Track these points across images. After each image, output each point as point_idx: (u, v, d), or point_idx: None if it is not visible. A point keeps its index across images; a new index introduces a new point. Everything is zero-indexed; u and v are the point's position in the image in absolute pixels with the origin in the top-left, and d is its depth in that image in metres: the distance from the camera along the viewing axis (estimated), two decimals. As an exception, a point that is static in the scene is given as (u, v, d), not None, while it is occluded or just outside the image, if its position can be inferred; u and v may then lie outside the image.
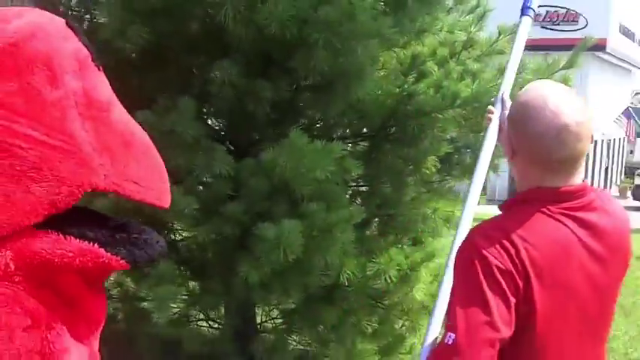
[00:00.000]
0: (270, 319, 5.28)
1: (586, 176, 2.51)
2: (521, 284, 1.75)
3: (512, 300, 1.75)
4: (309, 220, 3.83)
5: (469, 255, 1.80)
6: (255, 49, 3.91)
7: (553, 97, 1.81)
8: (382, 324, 4.81)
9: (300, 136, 3.68)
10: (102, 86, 1.29)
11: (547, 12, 22.89)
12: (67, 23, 1.28)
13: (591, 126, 1.86)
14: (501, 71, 4.73)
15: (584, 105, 1.85)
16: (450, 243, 2.13)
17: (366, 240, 4.48)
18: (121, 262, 1.20)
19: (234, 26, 3.72)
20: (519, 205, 1.89)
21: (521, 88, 2.08)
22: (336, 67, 3.81)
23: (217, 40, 4.05)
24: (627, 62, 27.27)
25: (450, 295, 1.86)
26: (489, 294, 1.73)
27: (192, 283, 4.65)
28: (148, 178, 1.28)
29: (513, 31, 5.28)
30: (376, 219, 4.91)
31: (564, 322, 1.83)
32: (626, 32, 25.94)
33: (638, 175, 25.81)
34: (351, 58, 3.79)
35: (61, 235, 1.17)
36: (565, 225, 1.82)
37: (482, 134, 4.81)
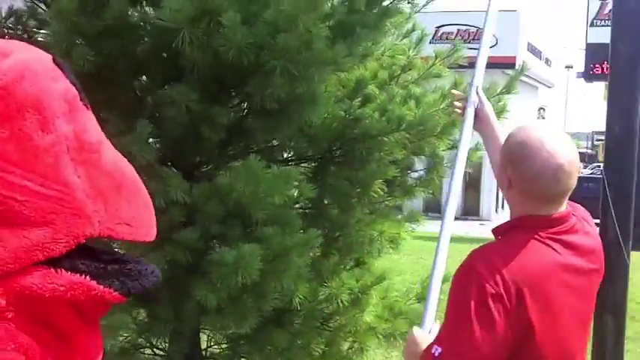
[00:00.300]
0: (216, 344, 5.24)
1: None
2: (514, 306, 1.98)
3: (501, 328, 1.96)
4: (266, 243, 3.84)
5: (468, 279, 2.04)
6: (210, 74, 3.91)
7: (548, 138, 2.08)
8: (329, 346, 4.84)
9: (256, 160, 3.70)
10: (91, 127, 1.25)
11: (458, 30, 23.51)
12: (54, 60, 1.23)
13: (579, 162, 2.14)
14: (443, 95, 4.88)
15: (573, 145, 2.13)
16: (393, 262, 2.47)
17: (315, 263, 4.51)
18: (114, 294, 1.16)
19: (191, 51, 3.71)
20: (513, 230, 2.17)
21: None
22: (292, 93, 3.84)
23: (169, 63, 4.03)
24: (534, 79, 28.25)
25: (447, 310, 2.08)
26: (478, 324, 1.96)
27: (141, 310, 4.58)
28: (139, 217, 1.27)
29: (449, 55, 5.47)
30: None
31: (560, 331, 2.10)
32: (534, 50, 26.88)
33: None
34: (306, 84, 3.84)
35: (51, 268, 1.12)
36: (553, 249, 2.10)
37: (423, 156, 4.95)
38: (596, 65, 17.83)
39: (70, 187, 1.13)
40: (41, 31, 5.06)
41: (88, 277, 1.13)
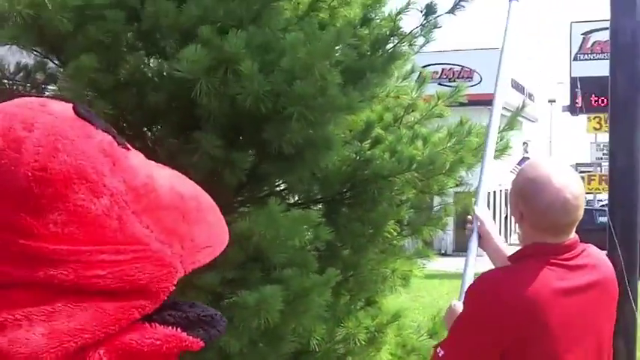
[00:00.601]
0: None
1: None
2: (514, 327, 2.22)
3: (494, 354, 2.23)
4: (285, 285, 3.91)
5: (477, 298, 2.35)
6: (226, 121, 4.01)
7: (556, 174, 2.28)
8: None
9: (277, 204, 3.78)
10: (138, 166, 1.17)
11: (443, 69, 23.85)
12: (75, 112, 1.12)
13: (584, 194, 2.37)
14: (450, 134, 5.01)
15: (579, 178, 2.35)
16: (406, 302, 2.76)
17: (331, 304, 4.57)
18: (200, 343, 1.15)
19: (208, 100, 3.81)
20: (527, 258, 2.36)
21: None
22: (307, 138, 3.94)
23: (185, 112, 4.13)
24: (519, 115, 28.62)
25: (456, 319, 2.41)
26: (471, 345, 2.30)
27: None
28: (213, 230, 1.23)
29: (450, 96, 5.61)
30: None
31: (569, 348, 2.26)
32: (517, 86, 27.26)
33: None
34: (321, 129, 3.94)
35: (146, 323, 1.11)
36: (560, 272, 2.28)
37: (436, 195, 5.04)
38: (580, 98, 18.12)
39: (143, 243, 1.10)
40: (49, 87, 5.14)
41: (178, 328, 1.14)
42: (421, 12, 5.04)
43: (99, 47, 4.08)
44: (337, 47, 3.88)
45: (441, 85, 23.99)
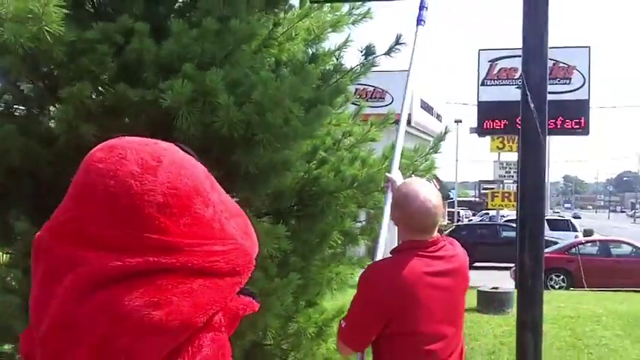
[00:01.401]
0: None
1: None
2: (392, 304, 3.04)
3: (380, 321, 3.04)
4: (252, 287, 4.56)
5: (365, 283, 3.19)
6: (200, 145, 4.65)
7: (422, 190, 3.17)
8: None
9: (252, 218, 4.45)
10: (218, 187, 1.64)
11: (356, 89, 24.75)
12: (182, 149, 1.62)
13: (442, 204, 3.26)
14: (385, 157, 5.78)
15: (438, 193, 3.27)
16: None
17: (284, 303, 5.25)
18: (257, 305, 1.64)
19: (187, 126, 4.45)
20: (403, 251, 3.20)
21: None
22: (271, 161, 4.64)
23: (165, 136, 4.75)
24: (427, 133, 29.81)
25: (354, 297, 3.21)
26: (362, 316, 3.11)
27: None
28: (244, 224, 1.70)
29: (382, 123, 6.40)
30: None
31: (429, 320, 3.08)
32: (426, 107, 28.47)
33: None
34: (282, 153, 4.64)
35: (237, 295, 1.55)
36: (427, 262, 3.12)
37: (371, 209, 5.79)
38: (487, 121, 19.31)
39: (235, 238, 1.57)
40: (21, 107, 5.64)
41: (249, 297, 1.64)
42: (360, 52, 5.81)
43: (89, 76, 4.67)
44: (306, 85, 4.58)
45: (355, 104, 25.08)
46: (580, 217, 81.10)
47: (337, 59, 5.92)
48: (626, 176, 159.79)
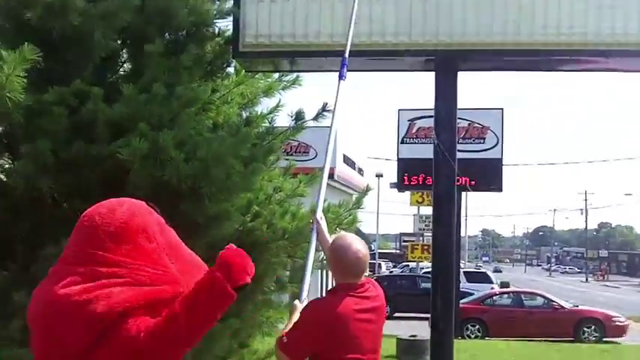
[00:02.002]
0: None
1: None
2: (323, 332, 3.66)
3: (311, 340, 3.70)
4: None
5: (306, 312, 3.81)
6: (150, 195, 5.13)
7: (353, 243, 3.85)
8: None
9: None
10: (172, 235, 2.50)
11: (281, 144, 25.42)
12: (147, 203, 2.49)
13: (368, 254, 3.97)
14: (313, 211, 6.34)
15: (365, 245, 3.94)
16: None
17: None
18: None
19: (139, 179, 4.95)
20: (337, 291, 3.84)
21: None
22: (214, 211, 5.18)
23: (116, 186, 5.23)
24: (350, 187, 30.61)
25: (297, 320, 3.82)
26: (301, 335, 3.74)
27: None
28: (195, 273, 2.43)
29: (310, 179, 6.99)
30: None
31: (356, 345, 3.68)
32: (348, 161, 29.29)
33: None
34: (224, 205, 5.19)
35: None
36: (355, 300, 3.74)
37: (299, 259, 6.33)
38: (406, 177, 20.23)
39: (169, 269, 2.36)
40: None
41: None
42: (291, 117, 6.44)
43: (45, 135, 5.13)
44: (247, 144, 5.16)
45: (286, 160, 25.72)
46: (501, 271, 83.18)
47: (270, 122, 6.52)
48: (542, 230, 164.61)
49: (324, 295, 4.18)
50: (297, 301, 4.18)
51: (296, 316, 3.94)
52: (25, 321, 2.40)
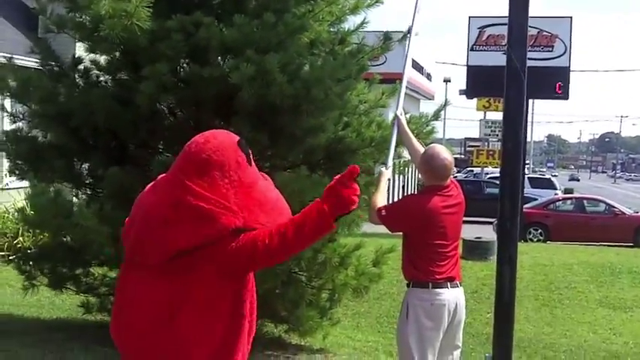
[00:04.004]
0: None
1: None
2: (418, 224, 4.65)
3: (404, 226, 4.76)
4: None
5: (404, 200, 5.62)
6: (254, 111, 5.89)
7: (441, 152, 4.75)
8: (316, 297, 6.97)
9: (305, 170, 5.79)
10: (248, 175, 2.89)
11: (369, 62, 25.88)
12: (238, 142, 2.93)
13: (454, 162, 4.87)
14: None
15: (450, 153, 4.83)
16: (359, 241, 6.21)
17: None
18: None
19: (247, 97, 5.70)
20: (427, 190, 4.80)
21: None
22: (310, 125, 5.94)
23: (226, 102, 6.03)
24: (417, 92, 31.07)
25: (397, 200, 5.51)
26: (398, 218, 4.79)
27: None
28: (271, 220, 2.84)
29: (392, 91, 7.65)
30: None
31: (444, 233, 4.68)
32: (416, 66, 29.63)
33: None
34: (319, 120, 5.95)
35: None
36: (442, 197, 4.70)
37: (382, 164, 7.07)
38: (475, 84, 20.63)
39: (230, 201, 2.82)
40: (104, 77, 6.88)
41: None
42: (379, 38, 7.08)
43: (163, 58, 5.89)
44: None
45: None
46: (579, 180, 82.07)
47: (361, 41, 7.16)
48: (608, 137, 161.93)
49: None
50: (383, 168, 5.16)
51: (384, 182, 4.94)
52: None
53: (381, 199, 4.80)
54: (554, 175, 69.36)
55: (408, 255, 4.72)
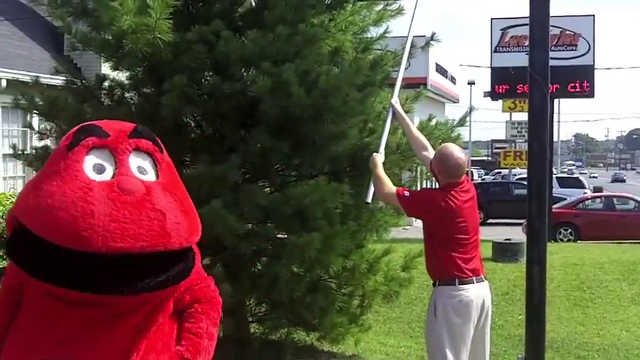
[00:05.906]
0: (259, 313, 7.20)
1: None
2: (438, 215, 4.87)
3: (423, 212, 5.02)
4: (320, 232, 5.88)
5: (422, 192, 5.58)
6: (274, 122, 5.94)
7: (455, 152, 4.93)
8: (347, 303, 6.99)
9: (324, 179, 5.82)
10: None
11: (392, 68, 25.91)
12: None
13: (466, 161, 5.08)
14: (422, 127, 7.07)
15: (465, 153, 5.05)
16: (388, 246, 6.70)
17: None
18: None
19: (269, 109, 5.76)
20: (442, 188, 4.97)
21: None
22: (332, 133, 5.98)
23: (249, 113, 6.10)
24: (441, 96, 30.97)
25: (417, 191, 5.71)
26: (419, 204, 5.07)
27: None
28: None
29: (415, 96, 7.66)
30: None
31: (465, 221, 4.91)
32: (440, 70, 29.55)
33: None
34: (341, 127, 5.99)
35: None
36: (458, 194, 4.87)
37: (409, 170, 7.12)
38: (500, 85, 20.57)
39: None
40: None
41: None
42: (401, 45, 7.09)
43: (186, 70, 5.97)
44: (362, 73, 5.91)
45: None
46: (624, 180, 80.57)
47: (384, 48, 7.20)
48: (636, 134, 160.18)
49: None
50: (375, 154, 5.30)
51: (380, 167, 5.14)
52: None
53: (388, 182, 5.07)
54: (594, 176, 67.91)
55: (433, 253, 4.86)
